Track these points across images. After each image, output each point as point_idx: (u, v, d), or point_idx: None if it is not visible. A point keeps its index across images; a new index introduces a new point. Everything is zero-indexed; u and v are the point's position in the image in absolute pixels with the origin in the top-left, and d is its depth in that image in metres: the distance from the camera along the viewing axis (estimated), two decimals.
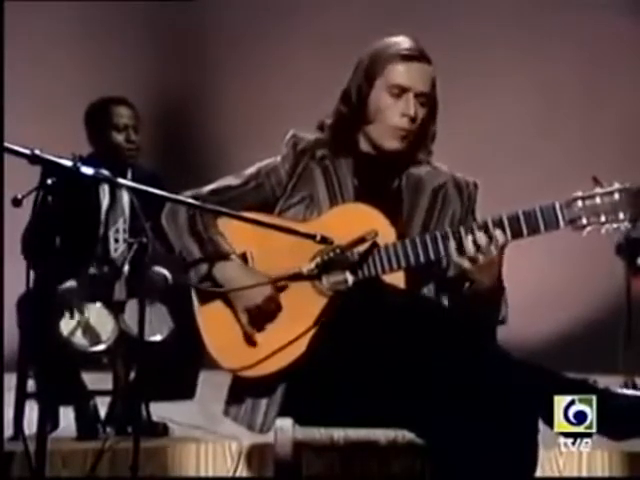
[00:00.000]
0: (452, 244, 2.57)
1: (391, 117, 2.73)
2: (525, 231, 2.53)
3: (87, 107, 4.25)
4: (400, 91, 2.72)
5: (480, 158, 6.12)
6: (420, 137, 2.79)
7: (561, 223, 2.51)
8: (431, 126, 2.81)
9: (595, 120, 6.45)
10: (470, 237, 2.55)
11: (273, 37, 6.46)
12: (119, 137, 4.15)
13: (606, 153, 6.17)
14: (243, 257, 2.74)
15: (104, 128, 4.15)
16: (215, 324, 2.72)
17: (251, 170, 2.84)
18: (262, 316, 2.67)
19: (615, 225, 2.48)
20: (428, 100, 2.76)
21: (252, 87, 6.47)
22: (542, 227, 2.52)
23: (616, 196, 2.48)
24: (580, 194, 2.50)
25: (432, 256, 2.61)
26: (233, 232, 2.74)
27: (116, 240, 4.08)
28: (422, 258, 2.61)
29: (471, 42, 6.33)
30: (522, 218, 2.53)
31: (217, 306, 2.72)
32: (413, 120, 2.72)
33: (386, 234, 2.64)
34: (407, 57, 2.73)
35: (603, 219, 2.48)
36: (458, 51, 6.10)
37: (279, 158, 2.82)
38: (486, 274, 2.59)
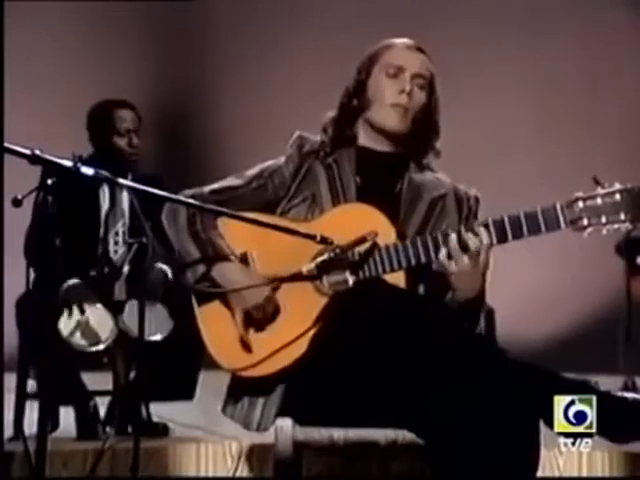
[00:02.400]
0: (453, 237, 2.56)
1: (389, 95, 2.77)
2: (526, 232, 2.53)
3: (89, 110, 4.24)
4: (396, 70, 2.77)
5: (480, 156, 6.14)
6: (424, 131, 2.80)
7: (562, 224, 2.51)
8: (433, 118, 2.82)
9: (596, 118, 6.45)
10: (468, 235, 2.55)
11: (273, 37, 6.47)
12: (121, 142, 4.15)
13: (607, 151, 6.18)
14: (244, 257, 2.74)
15: (107, 132, 4.14)
16: (215, 325, 2.71)
17: (253, 171, 2.84)
18: (260, 318, 2.66)
19: (616, 226, 2.47)
20: (427, 87, 2.79)
21: (252, 87, 6.47)
22: (543, 228, 2.52)
23: (617, 197, 2.47)
24: (581, 195, 2.50)
25: (433, 256, 2.60)
26: (234, 232, 2.74)
27: (116, 242, 4.08)
28: (423, 258, 2.61)
29: (471, 40, 6.34)
30: (523, 219, 2.53)
31: (216, 307, 2.72)
32: (409, 95, 2.74)
33: (386, 234, 2.64)
34: (404, 45, 2.82)
35: (604, 220, 2.48)
36: (458, 49, 6.10)
37: (282, 159, 2.83)
38: (469, 283, 2.58)
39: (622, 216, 2.47)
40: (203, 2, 6.49)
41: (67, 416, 3.94)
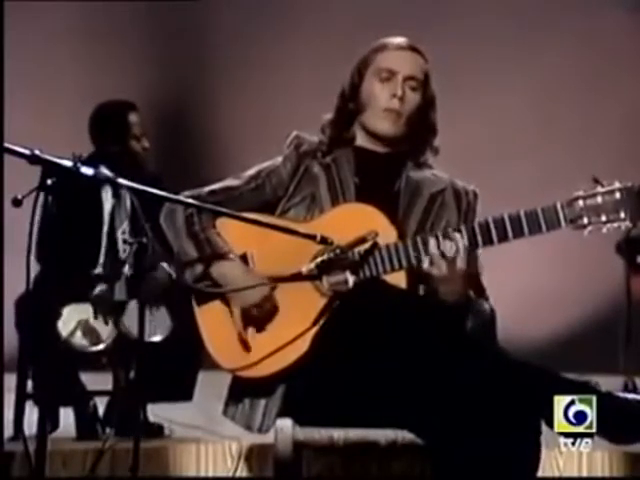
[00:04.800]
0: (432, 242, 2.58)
1: (381, 100, 2.77)
2: (527, 231, 2.53)
3: (98, 112, 4.21)
4: (389, 74, 2.77)
5: (480, 155, 6.14)
6: (420, 131, 2.80)
7: (562, 223, 2.51)
8: (430, 117, 2.82)
9: (596, 117, 6.45)
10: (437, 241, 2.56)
11: (272, 37, 6.46)
12: (137, 146, 4.15)
13: (607, 150, 6.18)
14: (243, 258, 2.74)
15: (122, 136, 4.12)
16: (214, 325, 2.71)
17: (251, 172, 2.84)
18: (257, 317, 2.66)
19: (616, 224, 2.48)
20: (420, 87, 2.78)
21: (251, 87, 6.47)
22: (544, 227, 2.52)
23: (617, 195, 2.47)
24: (581, 193, 2.50)
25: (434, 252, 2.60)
26: (233, 233, 2.74)
27: (124, 241, 4.07)
28: (422, 258, 2.61)
29: (471, 39, 6.33)
30: (524, 218, 2.53)
31: (216, 306, 2.72)
32: (402, 100, 2.74)
33: (386, 234, 2.64)
34: (396, 46, 2.80)
35: (604, 218, 2.48)
36: (457, 48, 6.10)
37: (280, 159, 2.83)
38: (449, 287, 2.58)
39: (622, 214, 2.47)
40: (203, 2, 6.48)
41: (67, 416, 3.94)
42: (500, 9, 6.43)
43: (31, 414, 3.71)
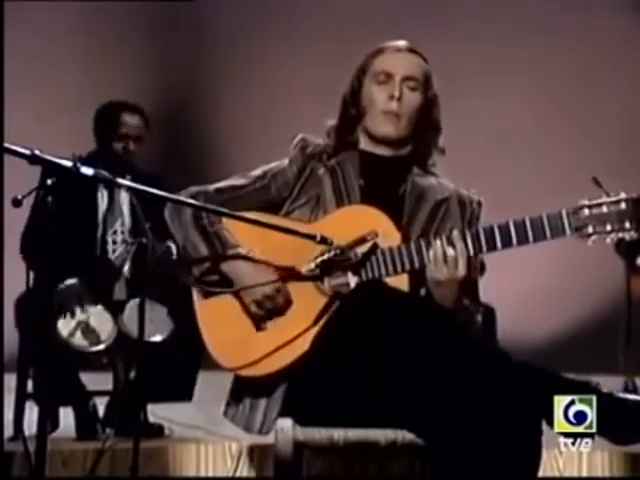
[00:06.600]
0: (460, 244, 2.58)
1: (379, 103, 2.77)
2: (531, 238, 2.53)
3: (97, 109, 4.24)
4: (386, 77, 2.77)
5: (479, 155, 6.14)
6: (425, 130, 2.80)
7: (567, 231, 2.51)
8: (433, 116, 2.82)
9: (596, 118, 6.45)
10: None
11: (273, 37, 6.47)
12: (118, 145, 4.14)
13: (607, 150, 6.18)
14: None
15: (108, 134, 4.13)
16: (216, 322, 2.71)
17: (257, 172, 2.84)
18: (272, 308, 2.66)
19: (621, 234, 2.47)
20: (420, 87, 2.78)
21: (253, 87, 6.47)
22: (548, 234, 2.52)
23: (623, 205, 2.47)
24: (587, 202, 2.49)
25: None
26: (236, 230, 2.74)
27: (114, 242, 4.08)
28: (425, 262, 2.61)
29: (470, 39, 6.33)
30: (529, 225, 2.52)
31: (219, 303, 2.72)
32: (399, 101, 2.74)
33: (390, 236, 2.64)
34: (393, 49, 2.80)
35: (609, 228, 2.48)
36: (458, 51, 6.10)
37: (286, 161, 2.83)
38: (445, 293, 2.59)
39: (627, 224, 2.47)
40: (203, 2, 6.48)
41: (67, 416, 3.94)
42: (500, 10, 6.43)
43: (31, 414, 3.71)
